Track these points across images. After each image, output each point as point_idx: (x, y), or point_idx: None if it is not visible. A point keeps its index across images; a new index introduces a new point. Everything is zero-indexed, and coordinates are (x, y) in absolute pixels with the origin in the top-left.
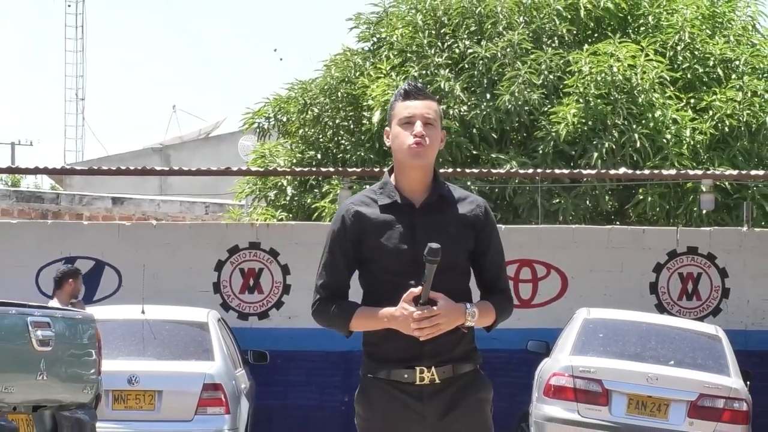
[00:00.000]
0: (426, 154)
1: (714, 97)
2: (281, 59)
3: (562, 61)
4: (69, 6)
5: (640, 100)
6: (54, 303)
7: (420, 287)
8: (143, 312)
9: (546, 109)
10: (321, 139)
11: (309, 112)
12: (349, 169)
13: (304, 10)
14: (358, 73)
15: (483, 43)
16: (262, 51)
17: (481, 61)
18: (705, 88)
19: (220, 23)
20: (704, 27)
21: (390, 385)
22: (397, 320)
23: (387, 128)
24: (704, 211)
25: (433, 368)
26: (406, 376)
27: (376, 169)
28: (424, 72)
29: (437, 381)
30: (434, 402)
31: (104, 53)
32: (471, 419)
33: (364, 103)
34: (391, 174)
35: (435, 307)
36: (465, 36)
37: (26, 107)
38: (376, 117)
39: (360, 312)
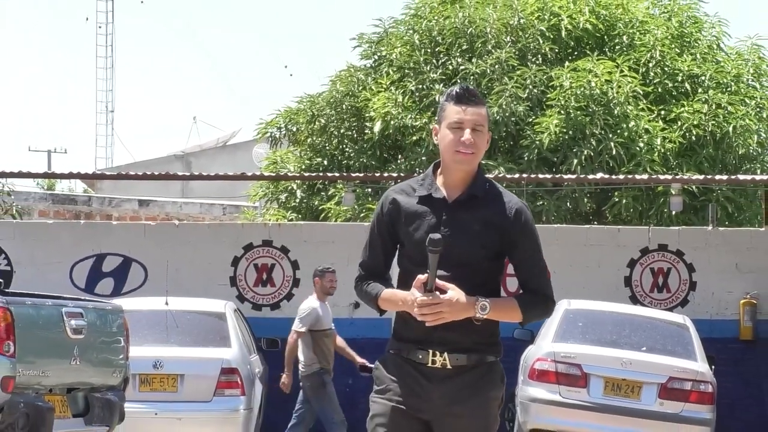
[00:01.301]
0: (472, 161)
1: (682, 109)
2: (291, 75)
3: (545, 77)
4: (100, 27)
5: (615, 111)
6: (311, 299)
7: (426, 274)
8: (167, 303)
9: (530, 120)
10: (327, 147)
11: (316, 123)
12: (353, 174)
13: (312, 30)
14: (360, 88)
15: (474, 60)
16: (274, 67)
17: (471, 77)
18: (674, 101)
19: (237, 42)
20: (673, 46)
21: (406, 362)
22: (406, 304)
23: (435, 126)
24: (673, 212)
25: (445, 354)
26: (420, 356)
27: (377, 174)
28: (420, 86)
29: (449, 367)
30: (443, 387)
31: (132, 69)
32: (476, 417)
33: (366, 115)
34: (435, 169)
35: (442, 296)
36: (457, 54)
37: (61, 118)
38: (377, 127)
39: (384, 293)
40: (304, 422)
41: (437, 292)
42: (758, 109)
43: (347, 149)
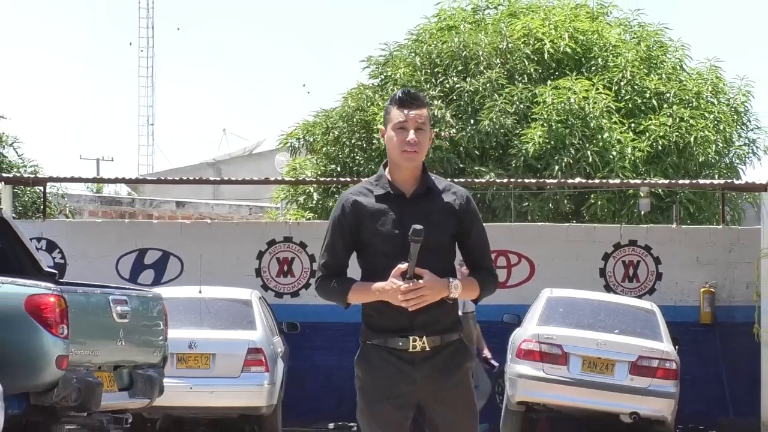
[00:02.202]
0: (417, 158)
1: (650, 122)
2: (308, 92)
3: (530, 94)
4: (141, 51)
5: (591, 124)
6: None
7: (407, 264)
8: (200, 292)
9: (517, 131)
10: (340, 156)
11: (330, 134)
12: (362, 179)
13: (328, 53)
14: (369, 103)
15: (467, 79)
16: (294, 85)
17: (466, 94)
18: (642, 115)
19: (262, 63)
20: (642, 67)
21: (386, 351)
22: (387, 293)
23: (382, 128)
24: (642, 212)
25: (424, 337)
26: (400, 344)
27: None
28: None
29: (428, 349)
30: (425, 367)
31: (170, 86)
32: (458, 386)
33: (374, 127)
34: (385, 168)
35: (420, 281)
36: (453, 74)
37: (108, 130)
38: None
39: (355, 286)
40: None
41: (416, 279)
42: (716, 122)
43: (357, 157)
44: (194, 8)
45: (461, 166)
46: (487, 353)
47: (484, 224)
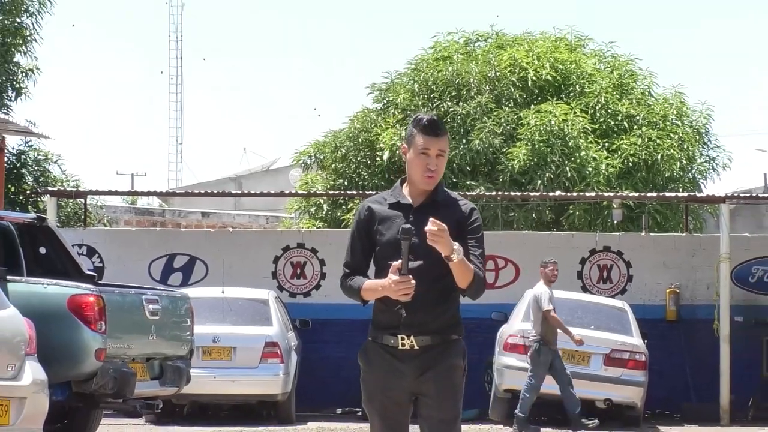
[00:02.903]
0: (435, 182)
1: (621, 141)
2: (319, 115)
3: (515, 117)
4: (171, 79)
5: (570, 143)
6: (540, 285)
7: (400, 261)
8: (223, 292)
9: (504, 150)
10: (347, 171)
11: (338, 152)
12: (367, 192)
13: (336, 79)
14: (373, 125)
15: (460, 103)
16: (306, 108)
17: (458, 117)
18: (615, 135)
19: (277, 88)
20: (614, 93)
21: (381, 347)
22: (385, 288)
23: (404, 146)
24: (615, 221)
25: (412, 336)
26: (392, 341)
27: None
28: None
29: (416, 347)
30: (412, 363)
31: (196, 109)
32: (441, 381)
33: (377, 146)
34: (402, 183)
35: (433, 221)
36: (447, 99)
37: (142, 148)
38: (386, 155)
39: (366, 284)
40: (535, 387)
41: (409, 275)
42: (680, 142)
43: (362, 173)
44: (218, 41)
45: (454, 180)
46: (577, 337)
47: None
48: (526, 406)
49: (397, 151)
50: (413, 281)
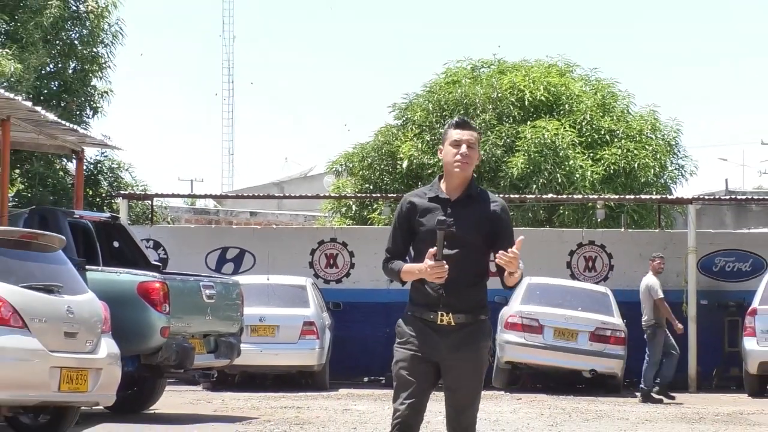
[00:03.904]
0: (467, 168)
1: (604, 152)
2: (348, 130)
3: (514, 131)
4: (224, 99)
5: (560, 154)
6: (649, 276)
7: (436, 248)
8: (268, 279)
9: (505, 159)
10: (372, 177)
11: (365, 162)
12: (388, 195)
13: (363, 99)
14: (394, 138)
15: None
16: (337, 123)
17: None
18: (599, 147)
19: (312, 104)
20: (598, 111)
21: (420, 321)
22: (422, 271)
23: (441, 147)
24: (598, 220)
25: (450, 314)
26: (431, 317)
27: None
28: (433, 138)
29: (453, 324)
30: (449, 339)
31: (245, 124)
32: (473, 359)
33: (398, 156)
34: (440, 179)
35: (511, 251)
36: (457, 115)
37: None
38: (405, 164)
39: (405, 267)
40: (655, 363)
41: (443, 261)
42: (654, 153)
43: (385, 179)
44: (264, 67)
45: None
46: (679, 326)
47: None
48: (648, 380)
49: (414, 160)
50: (446, 266)
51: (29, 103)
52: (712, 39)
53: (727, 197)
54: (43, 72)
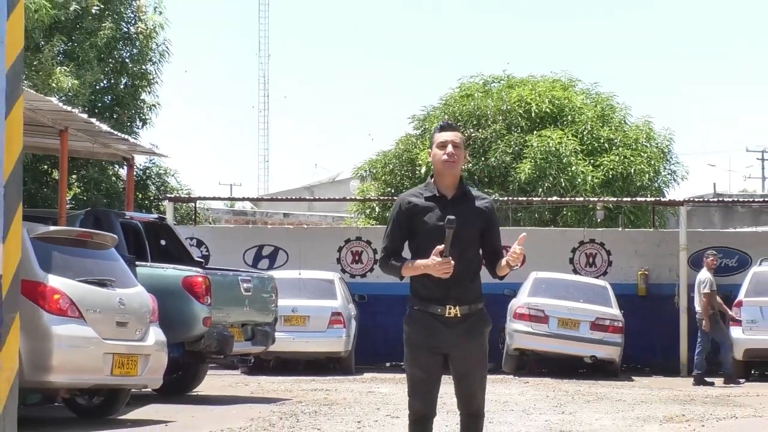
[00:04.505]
0: (455, 166)
1: (603, 159)
2: (372, 139)
3: (522, 140)
4: (260, 112)
5: (564, 160)
6: (704, 271)
7: (443, 245)
8: (299, 273)
9: (513, 165)
10: (393, 182)
11: (387, 168)
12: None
13: (386, 111)
14: (413, 147)
15: (480, 130)
16: (362, 133)
17: (478, 140)
18: (598, 154)
19: (339, 115)
20: (598, 121)
21: (428, 314)
22: (429, 267)
23: (429, 150)
24: (598, 220)
25: (457, 306)
26: (439, 310)
27: None
28: None
29: (459, 315)
30: (456, 329)
31: (279, 133)
32: (478, 345)
33: (417, 163)
34: (432, 179)
35: (519, 248)
36: (470, 127)
37: (237, 164)
38: (423, 170)
39: (407, 263)
40: (705, 349)
41: (450, 257)
42: (649, 159)
43: (405, 183)
44: (296, 82)
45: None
46: (732, 313)
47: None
48: (700, 365)
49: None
50: (452, 262)
51: (85, 116)
52: (704, 57)
53: (715, 200)
54: (97, 87)
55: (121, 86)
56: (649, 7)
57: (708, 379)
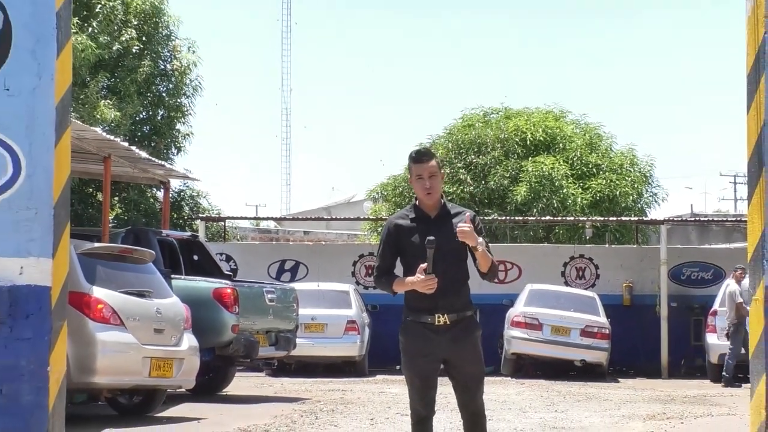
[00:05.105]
0: (433, 196)
1: (591, 182)
2: (384, 165)
3: (518, 165)
4: (282, 140)
5: (556, 184)
6: (732, 283)
7: (425, 264)
8: (318, 285)
9: (511, 188)
10: (402, 203)
11: (397, 190)
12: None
13: (395, 139)
14: None
15: (480, 156)
16: (374, 159)
17: (479, 165)
18: (587, 178)
19: (354, 143)
20: (586, 149)
21: (419, 324)
22: (415, 284)
23: (410, 177)
24: (587, 237)
25: (445, 314)
26: (429, 319)
27: None
28: (451, 171)
29: (448, 323)
30: (446, 335)
31: (299, 159)
32: (470, 348)
33: None
34: (416, 200)
35: (461, 224)
36: (471, 153)
37: (262, 186)
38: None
39: (397, 280)
40: (736, 355)
41: (432, 274)
42: (632, 183)
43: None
44: (315, 113)
45: (476, 209)
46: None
47: (490, 245)
48: (730, 369)
49: None
50: (435, 278)
51: (126, 144)
52: (684, 93)
53: (692, 219)
54: (137, 119)
55: (159, 117)
56: (634, 47)
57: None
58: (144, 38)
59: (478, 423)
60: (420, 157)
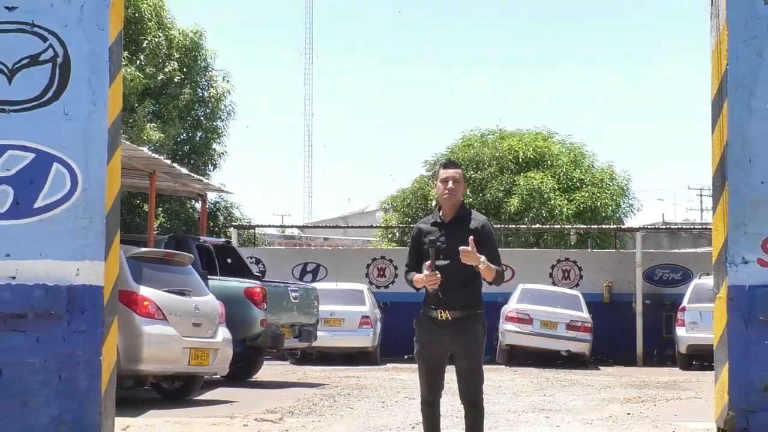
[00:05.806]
0: (453, 198)
1: (576, 195)
2: (393, 179)
3: (511, 180)
4: (305, 158)
5: (544, 196)
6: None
7: (430, 261)
8: (336, 285)
9: (505, 200)
10: (410, 213)
11: (405, 201)
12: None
13: (404, 157)
14: (425, 185)
15: (478, 172)
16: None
17: (477, 180)
18: (572, 191)
19: (367, 159)
20: (571, 165)
21: (428, 317)
22: (420, 280)
23: (435, 183)
24: (572, 243)
25: (447, 311)
26: (434, 314)
27: None
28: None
29: (449, 318)
30: (448, 329)
31: (321, 174)
32: (468, 342)
33: (429, 198)
34: (438, 208)
35: (463, 248)
36: (470, 169)
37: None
38: (434, 204)
39: (414, 276)
40: None
41: (436, 271)
42: (611, 195)
43: (419, 214)
44: (333, 134)
45: None
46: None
47: (498, 249)
48: None
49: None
50: (439, 275)
51: (169, 162)
52: (656, 114)
53: (664, 227)
54: (178, 139)
55: (197, 138)
56: (614, 77)
57: None
58: (185, 69)
59: (475, 414)
60: (449, 163)
